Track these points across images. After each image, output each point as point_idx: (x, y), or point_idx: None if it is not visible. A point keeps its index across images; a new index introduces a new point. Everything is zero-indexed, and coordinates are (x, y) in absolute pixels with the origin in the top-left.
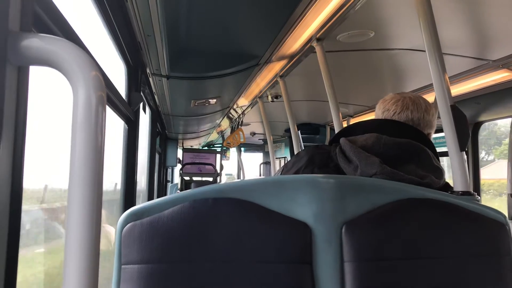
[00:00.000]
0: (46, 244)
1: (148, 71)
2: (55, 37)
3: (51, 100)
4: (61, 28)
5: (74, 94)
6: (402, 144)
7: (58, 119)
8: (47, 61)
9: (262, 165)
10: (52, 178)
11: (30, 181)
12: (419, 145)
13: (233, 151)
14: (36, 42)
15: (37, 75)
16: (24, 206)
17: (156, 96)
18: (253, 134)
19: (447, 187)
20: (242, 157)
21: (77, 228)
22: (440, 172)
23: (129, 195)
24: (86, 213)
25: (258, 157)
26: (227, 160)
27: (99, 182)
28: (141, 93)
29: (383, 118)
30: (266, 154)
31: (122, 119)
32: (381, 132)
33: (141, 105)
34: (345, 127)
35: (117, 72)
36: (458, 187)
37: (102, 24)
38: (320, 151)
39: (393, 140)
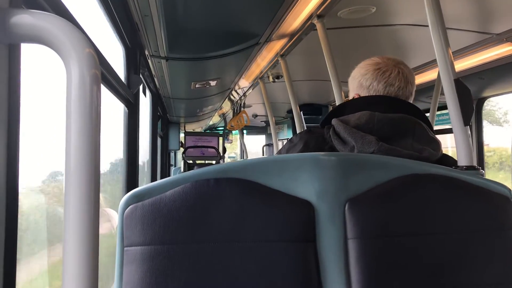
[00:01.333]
0: None
1: (146, 53)
2: (46, 13)
3: (47, 79)
4: (52, 5)
5: (68, 72)
6: (396, 120)
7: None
8: (39, 38)
9: (265, 147)
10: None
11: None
12: (413, 119)
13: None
14: (27, 19)
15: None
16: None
17: (155, 79)
18: (255, 116)
19: (445, 158)
20: (244, 139)
21: (75, 214)
22: (436, 143)
23: (131, 178)
24: (83, 197)
25: (261, 139)
26: (230, 143)
27: (96, 164)
28: (141, 76)
29: (384, 93)
30: (268, 136)
31: (122, 102)
32: (373, 109)
33: (141, 88)
34: (336, 107)
35: (117, 57)
36: (462, 161)
37: (98, 4)
38: (314, 135)
39: (386, 116)
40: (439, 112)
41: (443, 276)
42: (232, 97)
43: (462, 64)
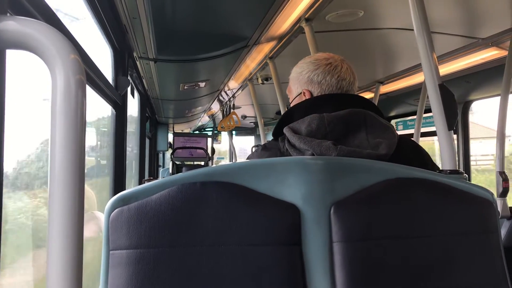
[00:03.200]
0: None
1: (135, 54)
2: (32, 19)
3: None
4: (39, 10)
5: (53, 78)
6: (346, 116)
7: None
8: (24, 44)
9: (254, 148)
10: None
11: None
12: (361, 111)
13: (224, 135)
14: (12, 25)
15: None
16: None
17: (144, 80)
18: (244, 117)
19: (404, 143)
20: (233, 140)
21: (59, 220)
22: (390, 130)
23: (118, 180)
24: (68, 202)
25: (250, 140)
26: (218, 143)
27: (81, 169)
28: (129, 77)
29: (337, 87)
30: (257, 137)
31: (109, 104)
32: (320, 109)
33: (129, 89)
34: (284, 114)
35: (105, 58)
36: (446, 165)
37: (86, 6)
38: (268, 152)
39: (335, 115)
40: (426, 115)
41: (427, 279)
42: (221, 98)
43: (449, 68)
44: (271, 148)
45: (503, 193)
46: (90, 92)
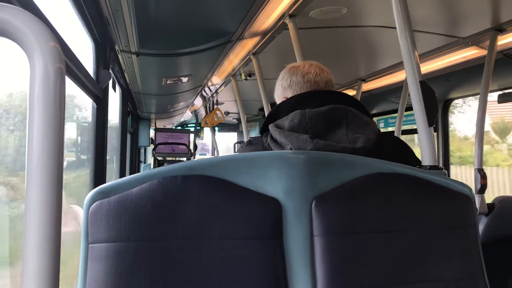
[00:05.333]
0: None
1: (117, 47)
2: (7, 5)
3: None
4: None
5: (31, 65)
6: (326, 113)
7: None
8: (1, 30)
9: (236, 145)
10: None
11: None
12: (342, 107)
13: (207, 131)
14: None
15: None
16: None
17: (126, 74)
18: (227, 113)
19: (385, 138)
20: (216, 137)
21: (36, 213)
22: (370, 126)
23: (98, 175)
24: (46, 195)
25: (233, 136)
26: (201, 140)
27: (59, 161)
28: (110, 71)
29: (304, 82)
30: (240, 133)
31: (90, 97)
32: (304, 106)
33: (110, 83)
34: (270, 112)
35: (86, 52)
36: (426, 161)
37: None
38: (253, 147)
39: (317, 111)
40: (407, 113)
41: (406, 272)
42: (204, 93)
43: (430, 66)
44: (256, 143)
45: (481, 190)
46: (71, 84)
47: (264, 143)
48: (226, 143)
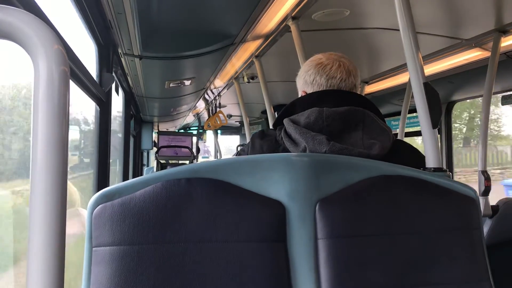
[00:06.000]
0: None
1: (120, 51)
2: (12, 7)
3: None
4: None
5: (35, 68)
6: (345, 113)
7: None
8: (4, 33)
9: (239, 148)
10: None
11: None
12: (361, 110)
13: (209, 134)
14: None
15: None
16: None
17: (129, 77)
18: (230, 116)
19: (397, 146)
20: (218, 139)
21: (41, 214)
22: (387, 134)
23: (102, 178)
24: (51, 197)
25: (235, 139)
26: (204, 142)
27: (64, 163)
28: (113, 74)
29: (327, 86)
30: (243, 136)
31: (94, 100)
32: (322, 104)
33: (113, 86)
34: (286, 106)
35: (89, 55)
36: (430, 163)
37: (70, 1)
38: (266, 138)
39: (334, 111)
40: (410, 115)
41: (411, 274)
42: (207, 96)
43: (433, 68)
44: (269, 135)
45: (485, 192)
46: (74, 87)
47: (277, 137)
48: (229, 145)
